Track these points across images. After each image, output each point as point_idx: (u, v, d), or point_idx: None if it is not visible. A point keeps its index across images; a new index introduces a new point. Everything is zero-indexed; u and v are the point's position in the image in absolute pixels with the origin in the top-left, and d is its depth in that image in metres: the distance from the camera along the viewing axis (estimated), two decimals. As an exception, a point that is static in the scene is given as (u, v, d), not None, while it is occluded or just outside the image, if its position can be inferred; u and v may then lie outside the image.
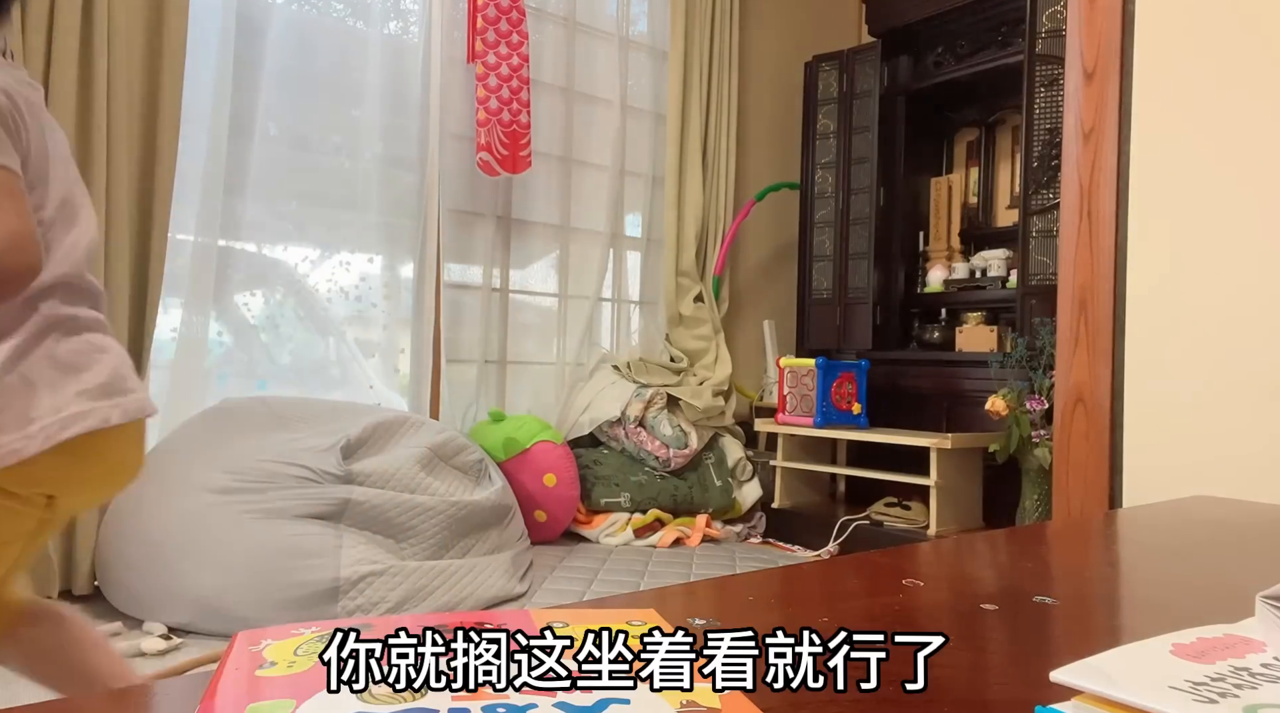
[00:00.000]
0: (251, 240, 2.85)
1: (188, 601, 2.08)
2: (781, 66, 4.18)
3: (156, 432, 2.55)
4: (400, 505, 2.29)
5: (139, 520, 2.20)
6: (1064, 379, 2.19)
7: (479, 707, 0.41)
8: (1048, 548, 0.99)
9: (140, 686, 0.81)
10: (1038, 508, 2.96)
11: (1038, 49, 3.21)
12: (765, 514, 3.61)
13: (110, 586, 2.25)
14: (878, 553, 0.87)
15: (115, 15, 2.35)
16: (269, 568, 2.07)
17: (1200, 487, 1.38)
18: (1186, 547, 0.97)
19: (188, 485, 2.19)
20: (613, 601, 0.84)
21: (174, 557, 2.11)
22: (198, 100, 2.61)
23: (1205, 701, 0.40)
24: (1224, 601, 0.73)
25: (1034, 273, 3.20)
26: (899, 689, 0.50)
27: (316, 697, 0.42)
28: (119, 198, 2.37)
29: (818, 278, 4.00)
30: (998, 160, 3.94)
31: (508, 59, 3.21)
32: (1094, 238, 2.11)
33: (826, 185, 3.98)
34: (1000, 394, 2.98)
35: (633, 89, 3.78)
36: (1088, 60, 2.13)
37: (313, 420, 2.44)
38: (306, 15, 3.01)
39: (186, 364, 2.67)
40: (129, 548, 2.19)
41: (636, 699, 0.43)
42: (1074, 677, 0.41)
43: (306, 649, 0.48)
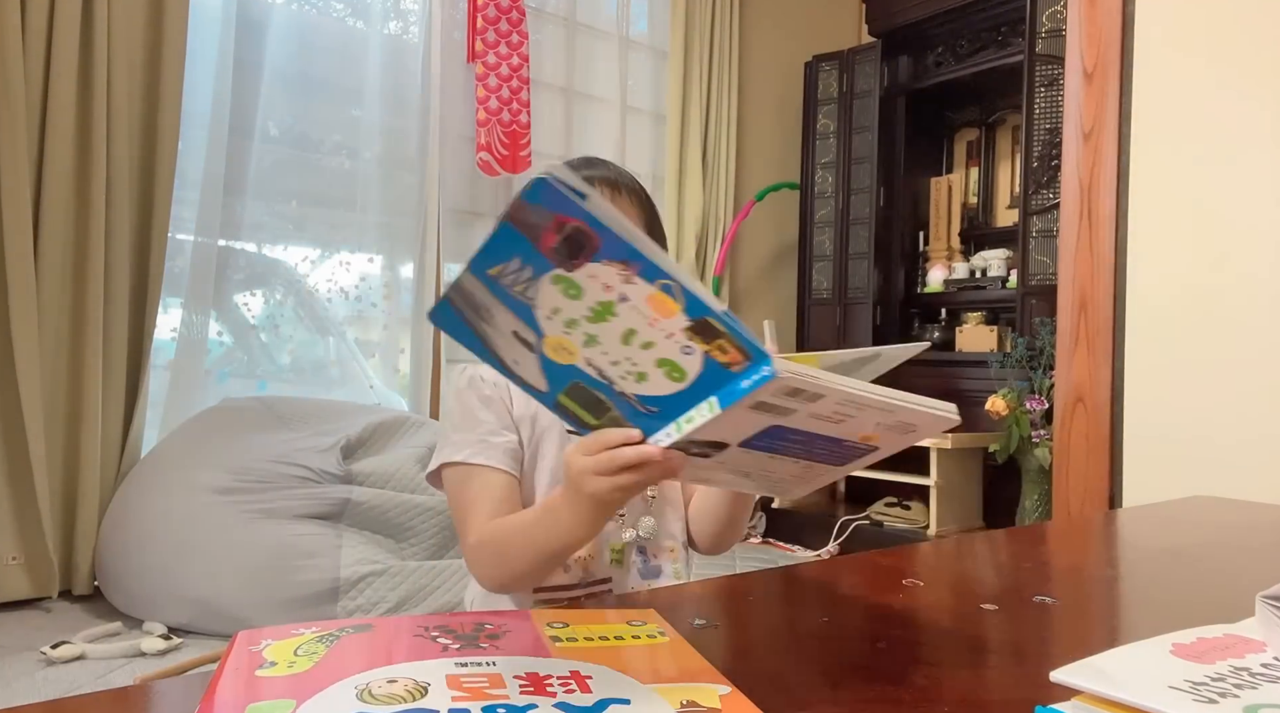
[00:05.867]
0: (251, 240, 2.85)
1: (188, 601, 2.08)
2: (781, 66, 4.18)
3: (156, 432, 2.55)
4: (400, 505, 2.29)
5: (139, 520, 2.20)
6: (1064, 379, 2.19)
7: (479, 707, 0.41)
8: (1048, 548, 0.99)
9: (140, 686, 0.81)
10: (1038, 508, 2.96)
11: (1038, 49, 3.21)
12: (765, 514, 3.61)
13: (110, 586, 2.25)
14: (878, 553, 0.87)
15: (115, 15, 2.34)
16: (269, 568, 2.07)
17: (1200, 487, 1.38)
18: (1186, 547, 0.97)
19: (188, 485, 2.19)
20: (613, 601, 0.84)
21: (174, 557, 2.11)
22: (198, 100, 2.61)
23: (1205, 701, 0.40)
24: (1224, 601, 0.73)
25: (1034, 273, 3.20)
26: (899, 689, 0.50)
27: (317, 697, 0.42)
28: (119, 198, 2.37)
29: (818, 278, 4.00)
30: (998, 160, 3.94)
31: (508, 59, 3.21)
32: (1094, 238, 2.11)
33: (826, 185, 3.98)
34: (1000, 394, 2.98)
35: (633, 89, 3.78)
36: (1088, 60, 2.13)
37: (313, 420, 2.44)
38: (306, 15, 3.01)
39: (186, 364, 2.67)
40: (129, 548, 2.19)
41: (636, 699, 0.43)
42: (1074, 677, 0.41)
43: (306, 649, 0.48)
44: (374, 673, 0.45)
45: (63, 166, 2.28)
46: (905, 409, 0.54)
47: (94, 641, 1.99)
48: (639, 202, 0.98)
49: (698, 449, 0.57)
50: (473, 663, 0.47)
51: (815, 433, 0.55)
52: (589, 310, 0.52)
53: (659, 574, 0.94)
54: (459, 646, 0.50)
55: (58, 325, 2.31)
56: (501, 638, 0.52)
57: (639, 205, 0.97)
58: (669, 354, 0.52)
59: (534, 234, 0.49)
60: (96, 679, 1.79)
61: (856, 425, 0.55)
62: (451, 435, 0.91)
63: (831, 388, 0.50)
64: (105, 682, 1.77)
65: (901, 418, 0.55)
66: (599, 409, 0.59)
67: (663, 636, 0.54)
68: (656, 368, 0.53)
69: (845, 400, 0.52)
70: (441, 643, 0.50)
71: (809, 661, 0.56)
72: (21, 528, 2.26)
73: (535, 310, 0.53)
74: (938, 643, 0.61)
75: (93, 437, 2.33)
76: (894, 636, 0.60)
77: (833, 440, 0.56)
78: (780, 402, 0.51)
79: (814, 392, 0.50)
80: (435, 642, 0.51)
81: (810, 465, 0.60)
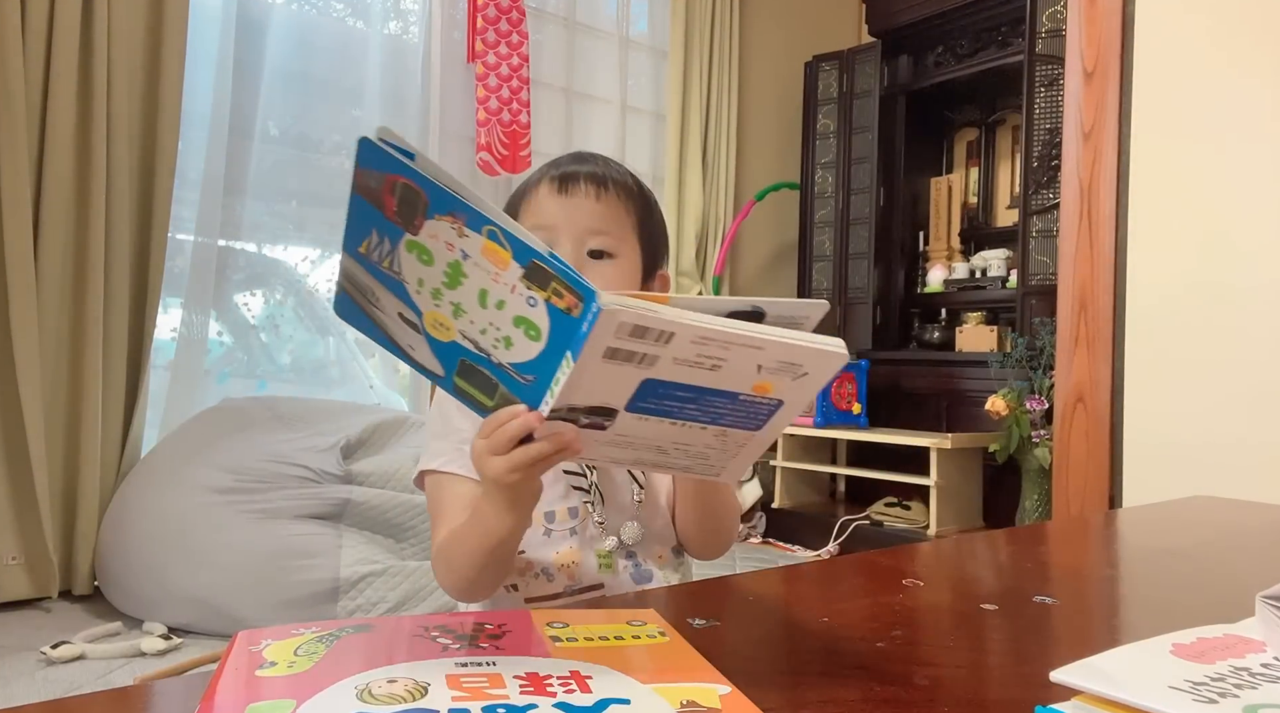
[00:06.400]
0: (251, 240, 2.85)
1: (188, 601, 2.08)
2: (781, 66, 4.18)
3: (156, 432, 2.55)
4: (400, 505, 2.29)
5: (139, 521, 2.20)
6: (1064, 379, 2.19)
7: (479, 707, 0.41)
8: (1048, 548, 0.99)
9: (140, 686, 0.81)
10: (1038, 508, 2.96)
11: (1038, 49, 3.21)
12: (765, 514, 3.61)
13: (110, 586, 2.25)
14: (878, 553, 0.87)
15: (115, 16, 2.34)
16: (269, 568, 2.07)
17: (1200, 487, 1.38)
18: (1186, 547, 0.97)
19: (188, 485, 2.19)
20: (613, 601, 0.84)
21: (174, 557, 2.11)
22: (198, 100, 2.61)
23: (1205, 701, 0.40)
24: (1224, 601, 0.73)
25: (1034, 273, 3.20)
26: (899, 689, 0.50)
27: (317, 697, 0.42)
28: (119, 198, 2.37)
29: (818, 278, 4.00)
30: (998, 160, 3.94)
31: (508, 59, 3.21)
32: (1094, 238, 2.11)
33: (826, 185, 3.98)
34: (1000, 394, 2.98)
35: (633, 89, 3.78)
36: (1088, 60, 2.13)
37: (313, 420, 2.44)
38: (306, 15, 3.01)
39: (186, 364, 2.67)
40: (129, 548, 2.19)
41: (636, 699, 0.43)
42: (1074, 677, 0.41)
43: (306, 649, 0.48)
44: (374, 673, 0.45)
45: (63, 167, 2.28)
46: (777, 344, 0.50)
47: (94, 641, 1.99)
48: (629, 196, 0.94)
49: (588, 419, 0.54)
50: (473, 663, 0.47)
51: (699, 386, 0.52)
52: (444, 276, 0.51)
53: (650, 579, 0.92)
54: (459, 646, 0.50)
55: (58, 325, 2.31)
56: (501, 638, 0.52)
57: (629, 200, 0.93)
58: (520, 310, 0.50)
59: (376, 199, 0.49)
60: (96, 679, 1.79)
61: (737, 372, 0.51)
62: (431, 443, 0.90)
63: (677, 323, 0.48)
64: (105, 682, 1.77)
65: (780, 357, 0.51)
66: (490, 388, 0.57)
67: (663, 636, 0.54)
68: (515, 328, 0.52)
69: (701, 338, 0.49)
70: (441, 643, 0.50)
71: (809, 661, 0.56)
72: (21, 528, 2.26)
73: (406, 285, 0.52)
74: (938, 643, 0.61)
75: (93, 437, 2.33)
76: (894, 636, 0.60)
77: (727, 397, 0.53)
78: (633, 346, 0.48)
79: (659, 329, 0.48)
80: (435, 642, 0.51)
81: (724, 433, 0.56)
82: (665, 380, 0.51)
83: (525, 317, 0.51)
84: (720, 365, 0.51)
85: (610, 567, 0.91)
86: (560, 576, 0.90)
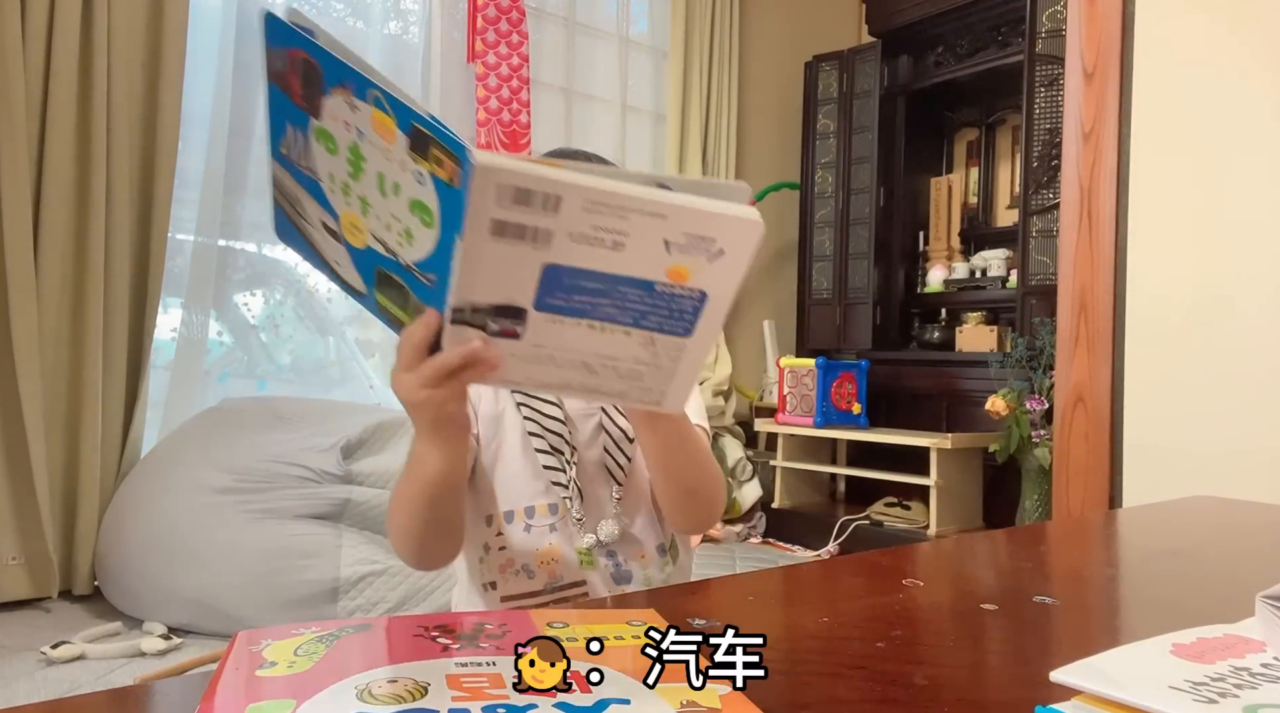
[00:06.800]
0: (251, 240, 2.85)
1: (188, 601, 2.08)
2: (781, 66, 4.18)
3: (156, 432, 2.55)
4: (400, 506, 2.29)
5: (139, 520, 2.20)
6: (1064, 379, 2.19)
7: (479, 707, 0.41)
8: (1048, 548, 0.99)
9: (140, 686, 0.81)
10: (1038, 508, 2.96)
11: (1038, 49, 3.21)
12: (765, 514, 3.61)
13: (110, 586, 2.25)
14: (878, 553, 0.87)
15: (115, 15, 2.34)
16: (269, 568, 2.07)
17: (1200, 487, 1.38)
18: (1186, 547, 0.97)
19: (188, 485, 2.19)
20: (612, 601, 0.84)
21: (174, 557, 2.11)
22: (198, 100, 2.61)
23: (1205, 701, 0.40)
24: (1224, 601, 0.73)
25: (1034, 273, 3.20)
26: (899, 689, 0.50)
27: (316, 697, 0.42)
28: (119, 198, 2.37)
29: (818, 278, 4.00)
30: (998, 160, 3.94)
31: (508, 59, 3.21)
32: (1094, 238, 2.11)
33: (826, 185, 3.98)
34: (1000, 394, 2.98)
35: (633, 89, 3.78)
36: (1088, 60, 2.13)
37: (313, 420, 2.44)
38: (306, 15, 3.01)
39: (186, 364, 2.67)
40: (129, 548, 2.19)
41: (636, 699, 0.43)
42: (1074, 677, 0.41)
43: (306, 649, 0.48)
44: (374, 673, 0.45)
45: (63, 166, 2.28)
46: (681, 210, 0.45)
47: (94, 641, 1.99)
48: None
49: (497, 322, 0.51)
50: (473, 663, 0.47)
51: (607, 273, 0.48)
52: (348, 164, 0.49)
53: (630, 579, 0.92)
54: (459, 646, 0.50)
55: (58, 325, 2.31)
56: (502, 638, 0.52)
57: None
58: (414, 192, 0.47)
59: (285, 83, 0.47)
60: (96, 679, 1.79)
61: (644, 252, 0.47)
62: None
63: (562, 182, 0.44)
64: (105, 682, 1.77)
65: (688, 227, 0.46)
66: (404, 299, 0.54)
67: (663, 636, 0.54)
68: (413, 217, 0.48)
69: (593, 203, 0.44)
70: (441, 643, 0.50)
71: (809, 661, 0.56)
72: (21, 528, 2.26)
73: (320, 184, 0.50)
74: (938, 643, 0.61)
75: (93, 437, 2.33)
76: (894, 636, 0.60)
77: (641, 288, 0.49)
78: (521, 217, 0.45)
79: (544, 192, 0.44)
80: (435, 642, 0.51)
81: (652, 340, 0.52)
82: (568, 266, 0.47)
83: (419, 199, 0.47)
84: (623, 242, 0.46)
85: (591, 564, 0.91)
86: (541, 572, 0.90)
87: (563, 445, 0.91)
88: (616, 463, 0.92)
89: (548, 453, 0.91)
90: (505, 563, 0.90)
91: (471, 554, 0.93)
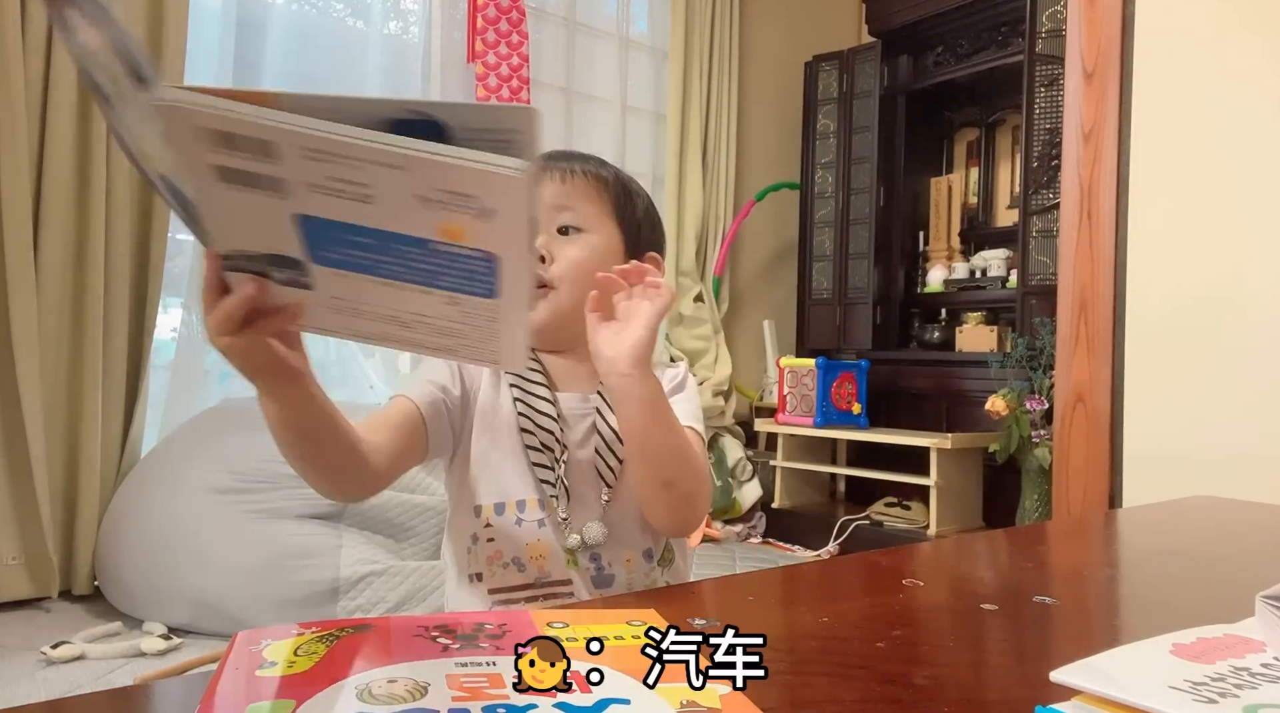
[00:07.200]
0: (251, 240, 2.85)
1: (188, 601, 2.08)
2: (781, 66, 4.18)
3: (156, 432, 2.55)
4: (400, 505, 2.29)
5: (139, 520, 2.20)
6: (1064, 379, 2.19)
7: (479, 707, 0.41)
8: (1048, 548, 0.99)
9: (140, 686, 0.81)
10: (1038, 508, 2.96)
11: (1038, 49, 3.21)
12: (765, 514, 3.61)
13: (110, 586, 2.25)
14: (878, 553, 0.87)
15: (115, 15, 2.34)
16: (269, 568, 2.07)
17: (1200, 487, 1.38)
18: (1186, 547, 0.97)
19: (188, 485, 2.19)
20: (612, 601, 0.84)
21: (174, 557, 2.11)
22: (198, 100, 2.61)
23: (1205, 701, 0.40)
24: (1224, 601, 0.73)
25: (1034, 273, 3.20)
26: (899, 689, 0.50)
27: (317, 697, 0.42)
28: (119, 198, 2.37)
29: (818, 278, 4.00)
30: (998, 160, 3.94)
31: (508, 59, 3.21)
32: (1094, 238, 2.11)
33: (826, 185, 3.98)
34: (1000, 394, 2.98)
35: (633, 89, 3.78)
36: (1088, 60, 2.13)
37: (313, 420, 2.43)
38: (306, 15, 3.01)
39: (186, 364, 2.67)
40: (129, 548, 2.19)
41: (636, 699, 0.43)
42: (1074, 677, 0.41)
43: (306, 649, 0.48)
44: (374, 673, 0.45)
45: (63, 167, 2.28)
46: (420, 161, 0.39)
47: (94, 641, 1.99)
48: (600, 182, 0.93)
49: (280, 273, 0.49)
50: (473, 663, 0.47)
51: (373, 228, 0.44)
52: (108, 80, 0.44)
53: (611, 583, 0.91)
54: (459, 646, 0.50)
55: (58, 325, 2.31)
56: (502, 638, 0.52)
57: (600, 184, 0.93)
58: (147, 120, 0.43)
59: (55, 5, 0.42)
60: (96, 679, 1.79)
61: (399, 206, 0.42)
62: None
63: (257, 123, 0.39)
64: (105, 682, 1.77)
65: (433, 181, 0.41)
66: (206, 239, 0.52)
67: (663, 636, 0.54)
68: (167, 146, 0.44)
69: (315, 151, 0.39)
70: (441, 643, 0.50)
71: (809, 661, 0.56)
72: (21, 528, 2.26)
73: (114, 109, 0.46)
74: (938, 643, 0.61)
75: (93, 437, 2.33)
76: (894, 636, 0.60)
77: (416, 246, 0.45)
78: (240, 163, 0.41)
79: (244, 133, 0.39)
80: (435, 642, 0.51)
81: (455, 300, 0.49)
82: (324, 218, 0.44)
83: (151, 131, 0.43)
84: (369, 194, 0.42)
85: (574, 563, 0.90)
86: (531, 567, 0.90)
87: (552, 443, 0.91)
88: (608, 465, 0.92)
89: (537, 450, 0.91)
90: (493, 555, 0.90)
91: (459, 545, 0.93)
